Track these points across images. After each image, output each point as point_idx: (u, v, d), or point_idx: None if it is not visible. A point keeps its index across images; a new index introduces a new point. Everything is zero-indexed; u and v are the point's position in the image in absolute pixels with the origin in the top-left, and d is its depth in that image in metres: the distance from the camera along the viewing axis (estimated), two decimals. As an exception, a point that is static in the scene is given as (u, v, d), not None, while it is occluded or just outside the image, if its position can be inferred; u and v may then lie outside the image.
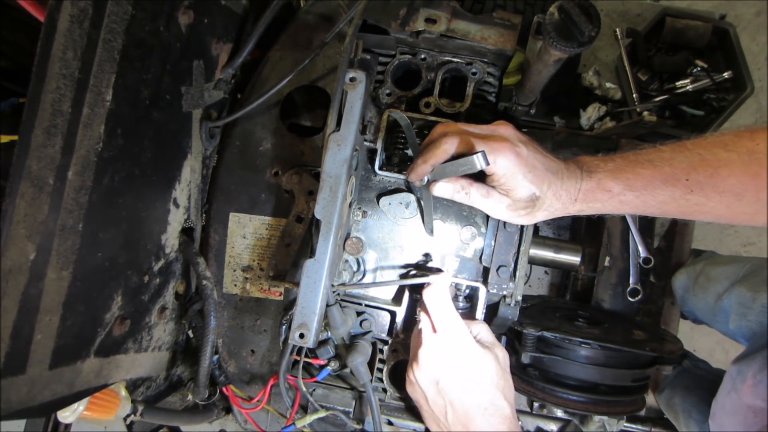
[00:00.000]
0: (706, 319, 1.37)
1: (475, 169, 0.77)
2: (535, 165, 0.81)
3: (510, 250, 0.97)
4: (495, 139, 0.82)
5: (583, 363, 1.09)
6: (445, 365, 0.85)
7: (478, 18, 1.00)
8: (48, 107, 0.68)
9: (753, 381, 0.95)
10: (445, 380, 0.84)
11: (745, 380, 0.97)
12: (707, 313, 1.32)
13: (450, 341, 0.86)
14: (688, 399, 1.37)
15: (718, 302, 1.24)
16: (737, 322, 1.16)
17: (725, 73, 1.61)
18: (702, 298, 1.33)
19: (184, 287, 1.13)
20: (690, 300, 1.39)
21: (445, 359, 0.85)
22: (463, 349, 0.86)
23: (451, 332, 0.87)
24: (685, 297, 1.42)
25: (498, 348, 0.91)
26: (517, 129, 0.87)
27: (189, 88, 0.98)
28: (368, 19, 0.99)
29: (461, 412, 0.83)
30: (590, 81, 1.64)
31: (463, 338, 0.87)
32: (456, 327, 0.87)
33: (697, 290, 1.35)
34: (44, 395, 0.78)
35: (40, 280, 0.72)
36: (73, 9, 0.67)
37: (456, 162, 0.80)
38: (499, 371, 0.87)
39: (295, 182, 1.08)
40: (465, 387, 0.84)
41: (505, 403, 0.85)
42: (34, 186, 0.68)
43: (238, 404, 1.13)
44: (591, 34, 0.74)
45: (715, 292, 1.26)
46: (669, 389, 1.46)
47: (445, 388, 0.84)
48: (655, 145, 0.84)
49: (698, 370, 1.46)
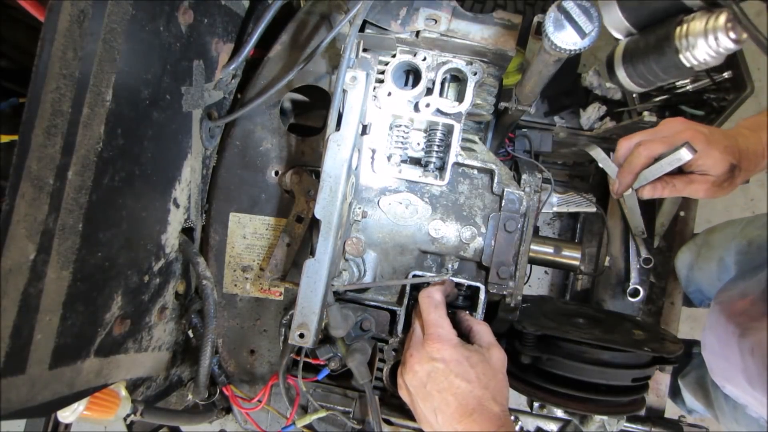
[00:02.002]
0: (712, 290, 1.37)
1: (683, 161, 0.88)
2: (721, 138, 0.92)
3: (510, 250, 0.97)
4: (679, 132, 0.93)
5: (583, 363, 1.09)
6: (431, 368, 0.85)
7: (478, 18, 1.00)
8: (48, 107, 0.67)
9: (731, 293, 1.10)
10: (431, 383, 0.85)
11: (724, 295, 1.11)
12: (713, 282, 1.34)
13: (436, 344, 0.87)
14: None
15: (721, 264, 1.27)
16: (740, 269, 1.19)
17: (725, 73, 1.60)
18: (706, 269, 1.35)
19: (184, 287, 1.13)
20: (695, 276, 1.40)
21: (433, 363, 0.86)
22: (449, 351, 0.86)
23: (439, 337, 0.87)
24: (689, 276, 1.42)
25: (494, 349, 0.91)
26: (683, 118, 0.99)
27: (189, 88, 0.98)
28: (368, 19, 0.99)
29: (448, 413, 0.84)
30: (590, 81, 1.64)
31: (451, 342, 0.87)
32: (443, 330, 0.88)
33: (701, 262, 1.37)
34: (44, 395, 0.78)
35: (40, 280, 0.72)
36: (73, 9, 0.67)
37: (660, 163, 0.91)
38: (488, 371, 0.87)
39: (295, 182, 1.08)
40: (450, 389, 0.84)
41: (495, 405, 0.85)
42: (34, 186, 0.68)
43: (238, 404, 1.13)
44: (591, 34, 0.74)
45: (717, 256, 1.29)
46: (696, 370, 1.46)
47: (432, 391, 0.85)
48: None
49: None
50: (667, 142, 0.94)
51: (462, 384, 0.84)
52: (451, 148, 0.98)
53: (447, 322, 0.90)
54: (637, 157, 0.95)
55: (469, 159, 1.00)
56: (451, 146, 0.97)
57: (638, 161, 0.95)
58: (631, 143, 0.99)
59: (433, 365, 0.86)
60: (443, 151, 1.00)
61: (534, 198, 0.98)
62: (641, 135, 0.99)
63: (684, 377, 1.51)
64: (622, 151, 1.01)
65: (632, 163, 0.96)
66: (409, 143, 1.03)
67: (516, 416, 1.35)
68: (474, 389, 0.85)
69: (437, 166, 1.02)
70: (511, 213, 0.97)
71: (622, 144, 1.01)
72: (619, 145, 1.02)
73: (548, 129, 1.57)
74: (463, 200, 1.00)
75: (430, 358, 0.86)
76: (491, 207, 1.00)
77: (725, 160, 0.91)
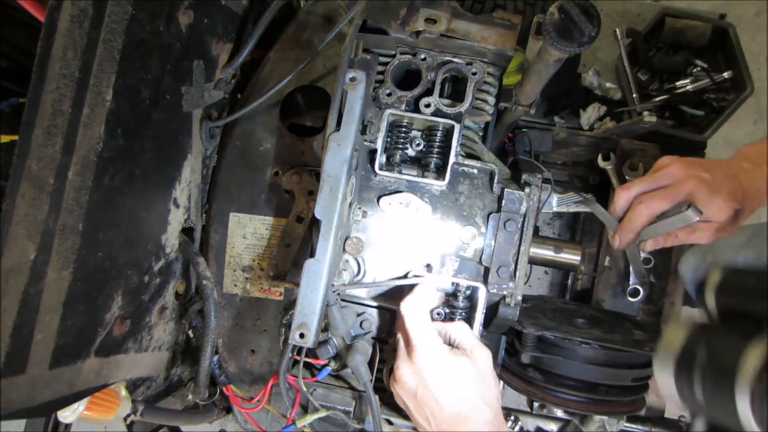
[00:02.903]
0: None
1: (689, 222, 0.85)
2: (724, 183, 0.87)
3: (510, 250, 0.97)
4: (681, 183, 0.88)
5: (583, 363, 1.09)
6: (420, 378, 0.85)
7: (478, 18, 1.00)
8: (48, 107, 0.68)
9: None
10: (421, 392, 0.85)
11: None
12: None
13: (422, 354, 0.86)
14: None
15: None
16: None
17: (725, 73, 1.61)
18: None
19: (184, 287, 1.13)
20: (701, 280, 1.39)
21: (419, 372, 0.85)
22: (436, 360, 0.86)
23: (422, 345, 0.86)
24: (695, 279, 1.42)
25: (478, 349, 0.90)
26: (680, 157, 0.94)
27: (189, 88, 0.98)
28: (368, 19, 0.99)
29: (441, 421, 0.84)
30: (590, 81, 1.64)
31: (434, 350, 0.86)
32: (427, 339, 0.87)
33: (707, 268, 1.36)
34: (44, 395, 0.78)
35: (40, 280, 0.72)
36: (73, 9, 0.67)
37: (663, 223, 0.89)
38: (476, 376, 0.86)
39: (295, 182, 1.08)
40: (441, 397, 0.84)
41: (485, 408, 0.84)
42: (34, 186, 0.68)
43: (238, 404, 1.13)
44: (591, 34, 0.74)
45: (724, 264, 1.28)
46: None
47: (423, 400, 0.85)
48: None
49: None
50: (669, 196, 0.89)
51: (452, 391, 0.84)
52: (451, 148, 0.98)
53: (431, 330, 0.89)
54: (638, 216, 0.92)
55: (468, 159, 1.00)
56: (451, 146, 0.97)
57: (640, 220, 0.92)
58: (630, 195, 0.95)
59: (420, 376, 0.85)
60: (443, 151, 1.00)
61: (534, 198, 0.98)
62: (640, 185, 0.95)
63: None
64: (621, 203, 0.97)
65: (633, 221, 0.93)
66: (409, 143, 1.03)
67: (516, 416, 1.35)
68: (464, 395, 0.84)
69: (437, 166, 1.02)
70: (511, 213, 0.97)
71: (620, 195, 0.96)
72: (617, 196, 0.97)
73: (548, 129, 1.57)
74: (463, 200, 1.00)
75: (416, 370, 0.85)
76: (491, 207, 1.00)
77: (729, 207, 0.88)
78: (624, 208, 0.97)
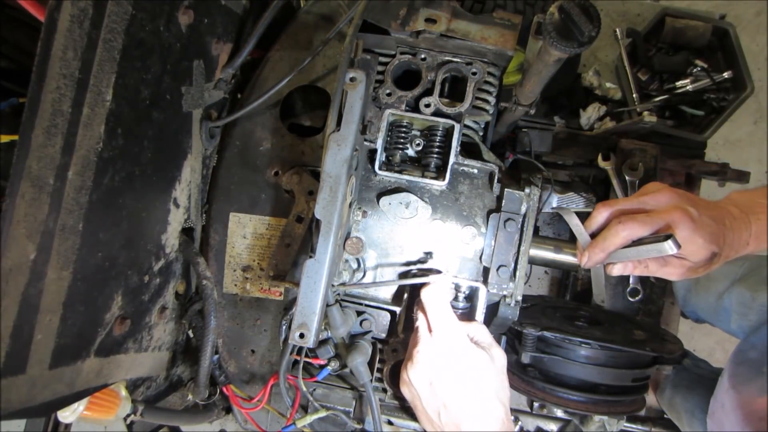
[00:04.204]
0: (708, 318, 1.37)
1: (664, 254, 0.79)
2: (709, 223, 0.82)
3: (510, 250, 0.97)
4: (666, 211, 0.83)
5: (583, 363, 1.09)
6: (440, 366, 0.85)
7: (478, 18, 1.00)
8: (48, 107, 0.68)
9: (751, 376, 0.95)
10: (438, 381, 0.84)
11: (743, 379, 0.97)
12: (709, 312, 1.32)
13: (445, 342, 0.86)
14: (690, 399, 1.37)
15: (719, 301, 1.24)
16: (738, 322, 1.16)
17: (725, 73, 1.61)
18: (704, 297, 1.33)
19: (184, 287, 1.13)
20: (692, 299, 1.39)
21: (440, 360, 0.85)
22: (458, 350, 0.86)
23: (446, 333, 0.87)
24: (687, 297, 1.42)
25: (495, 349, 0.90)
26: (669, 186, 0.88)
27: (189, 88, 0.98)
28: (368, 19, 0.99)
29: (454, 413, 0.83)
30: (590, 81, 1.64)
31: (458, 339, 0.87)
32: (452, 328, 0.87)
33: (699, 289, 1.36)
34: (44, 395, 0.78)
35: (40, 280, 0.72)
36: (73, 9, 0.67)
37: (637, 249, 0.83)
38: (494, 373, 0.87)
39: (295, 182, 1.08)
40: (458, 388, 0.84)
41: (499, 405, 0.84)
42: (34, 186, 0.68)
43: (238, 404, 1.13)
44: (591, 34, 0.74)
45: (716, 291, 1.27)
46: (670, 389, 1.46)
47: (439, 389, 0.84)
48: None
49: (699, 369, 1.47)
50: (651, 222, 0.84)
51: (470, 384, 0.84)
52: (451, 148, 0.98)
53: (456, 319, 0.89)
54: (614, 236, 0.86)
55: (468, 159, 1.00)
56: (451, 146, 0.97)
57: (614, 241, 0.86)
58: (609, 214, 0.89)
59: (442, 363, 0.84)
60: (443, 151, 1.00)
61: (534, 198, 0.98)
62: (622, 204, 0.89)
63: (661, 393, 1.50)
64: (598, 219, 0.91)
65: (607, 240, 0.87)
66: (409, 143, 1.03)
67: (516, 416, 1.36)
68: (481, 390, 0.84)
69: (437, 166, 1.02)
70: (511, 213, 0.97)
71: (599, 211, 0.90)
72: (596, 210, 0.91)
73: (548, 129, 1.57)
74: (463, 200, 1.00)
75: (439, 356, 0.85)
76: (491, 207, 1.00)
77: (708, 249, 0.83)
78: (600, 225, 0.92)
